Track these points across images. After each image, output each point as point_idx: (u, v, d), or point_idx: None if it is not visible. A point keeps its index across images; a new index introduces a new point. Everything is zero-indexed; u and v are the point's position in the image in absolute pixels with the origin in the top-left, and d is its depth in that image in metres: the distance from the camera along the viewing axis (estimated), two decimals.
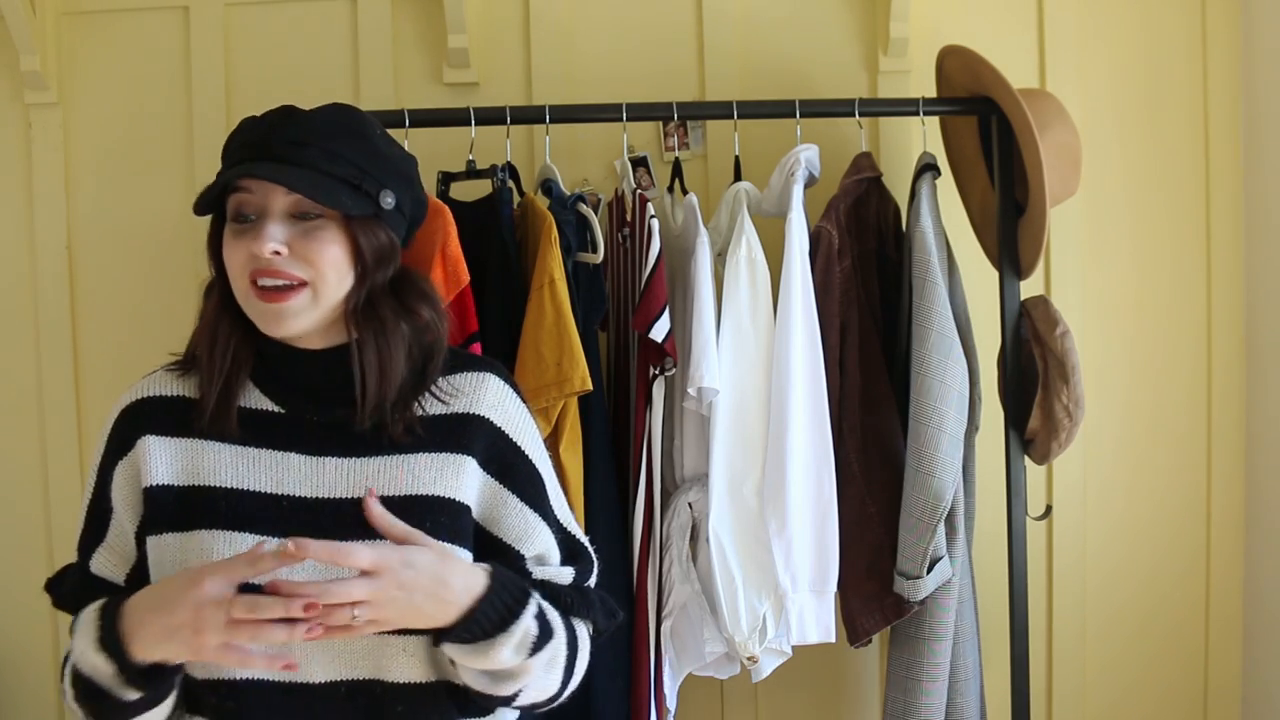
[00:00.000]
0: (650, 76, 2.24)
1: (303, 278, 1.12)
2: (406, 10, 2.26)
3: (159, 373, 1.21)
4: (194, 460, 1.14)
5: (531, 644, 1.11)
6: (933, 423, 1.83)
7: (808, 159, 1.93)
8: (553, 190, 1.96)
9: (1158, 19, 2.26)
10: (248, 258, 1.12)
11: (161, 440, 1.15)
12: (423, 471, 1.16)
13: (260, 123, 1.16)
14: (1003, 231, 1.96)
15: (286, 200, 1.12)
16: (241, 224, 1.13)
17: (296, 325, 1.13)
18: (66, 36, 2.27)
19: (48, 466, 2.26)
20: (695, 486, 1.93)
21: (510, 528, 1.21)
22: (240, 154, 1.14)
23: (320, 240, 1.13)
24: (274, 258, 1.10)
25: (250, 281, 1.12)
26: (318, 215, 1.13)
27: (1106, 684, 2.28)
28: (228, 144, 1.17)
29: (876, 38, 2.24)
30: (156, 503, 1.13)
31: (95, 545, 1.17)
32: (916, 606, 1.87)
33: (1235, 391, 2.26)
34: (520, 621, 1.10)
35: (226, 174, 1.13)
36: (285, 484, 1.14)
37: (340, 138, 1.15)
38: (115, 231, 2.26)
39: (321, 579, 1.03)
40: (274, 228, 1.11)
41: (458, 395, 1.21)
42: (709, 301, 1.85)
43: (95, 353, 2.26)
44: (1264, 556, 2.21)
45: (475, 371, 1.24)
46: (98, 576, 1.16)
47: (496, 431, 1.22)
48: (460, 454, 1.18)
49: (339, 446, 1.16)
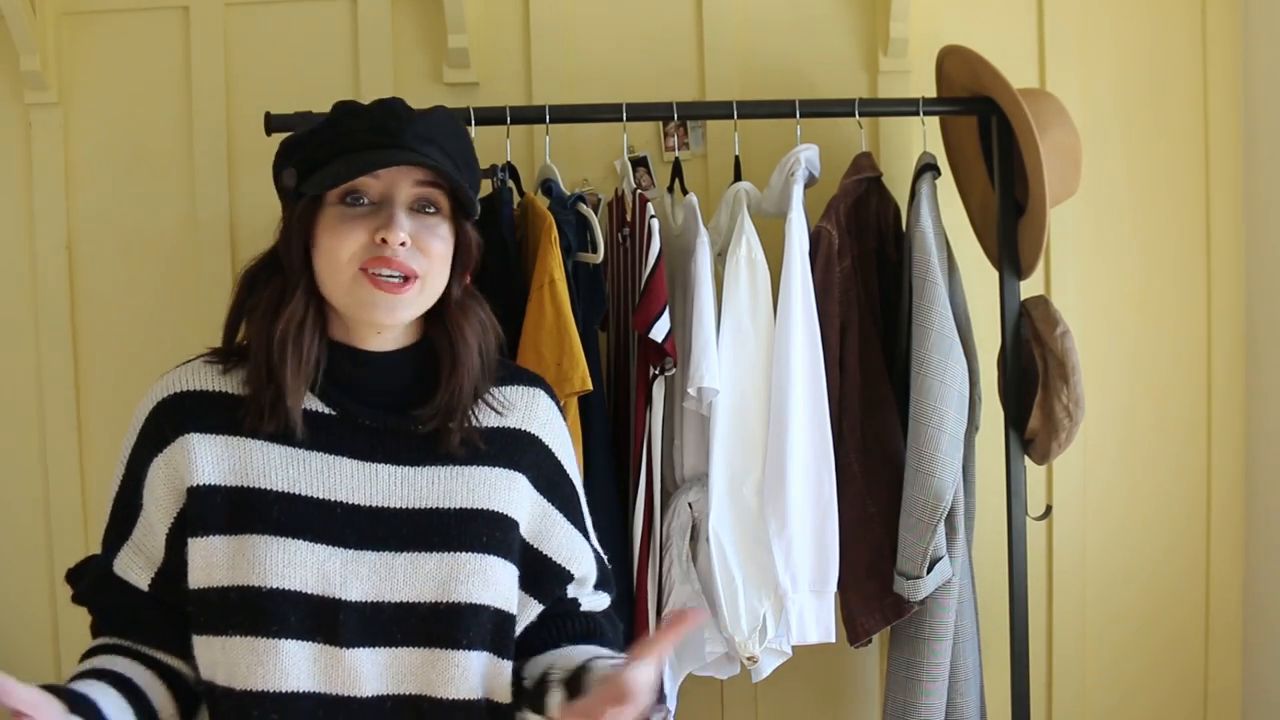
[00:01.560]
0: (650, 76, 2.24)
1: (418, 271, 1.11)
2: (406, 10, 2.26)
3: (197, 364, 1.16)
4: (243, 460, 1.11)
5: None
6: (933, 423, 1.83)
7: (808, 159, 1.93)
8: (553, 190, 1.96)
9: (1158, 19, 2.26)
10: (365, 244, 1.09)
11: (206, 438, 1.11)
12: (479, 485, 1.15)
13: (383, 112, 1.14)
14: (1003, 231, 1.96)
15: (411, 192, 1.12)
16: (354, 207, 1.11)
17: (403, 317, 1.13)
18: (66, 36, 2.27)
19: (48, 467, 2.26)
20: (695, 486, 1.93)
21: (560, 548, 1.23)
22: (367, 137, 1.11)
23: (436, 235, 1.13)
24: (399, 248, 1.09)
25: (360, 268, 1.09)
26: (434, 211, 1.13)
27: (1106, 684, 2.28)
28: (335, 125, 1.14)
29: (876, 38, 2.24)
30: (203, 503, 1.10)
31: (121, 542, 1.14)
32: (916, 606, 1.87)
33: (1235, 391, 2.26)
34: None
35: (373, 157, 1.09)
36: (338, 490, 1.11)
37: (454, 139, 1.16)
38: (115, 231, 2.26)
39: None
40: (403, 217, 1.10)
41: (511, 409, 1.21)
42: (709, 301, 1.85)
43: (95, 352, 2.26)
44: (1264, 557, 2.21)
45: (528, 386, 1.24)
46: (119, 578, 1.13)
47: (546, 451, 1.23)
48: (513, 470, 1.19)
49: (392, 453, 1.14)
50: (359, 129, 1.12)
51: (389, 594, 1.10)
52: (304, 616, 1.07)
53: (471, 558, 1.12)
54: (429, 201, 1.13)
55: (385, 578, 1.09)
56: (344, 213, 1.11)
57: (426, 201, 1.13)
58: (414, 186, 1.12)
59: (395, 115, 1.13)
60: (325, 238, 1.11)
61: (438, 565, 1.11)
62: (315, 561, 1.08)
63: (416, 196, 1.13)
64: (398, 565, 1.10)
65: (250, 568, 1.07)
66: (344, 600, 1.08)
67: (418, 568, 1.11)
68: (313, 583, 1.08)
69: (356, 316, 1.13)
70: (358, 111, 1.15)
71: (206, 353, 1.18)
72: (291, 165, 1.15)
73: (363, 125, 1.13)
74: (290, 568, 1.07)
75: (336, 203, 1.11)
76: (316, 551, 1.08)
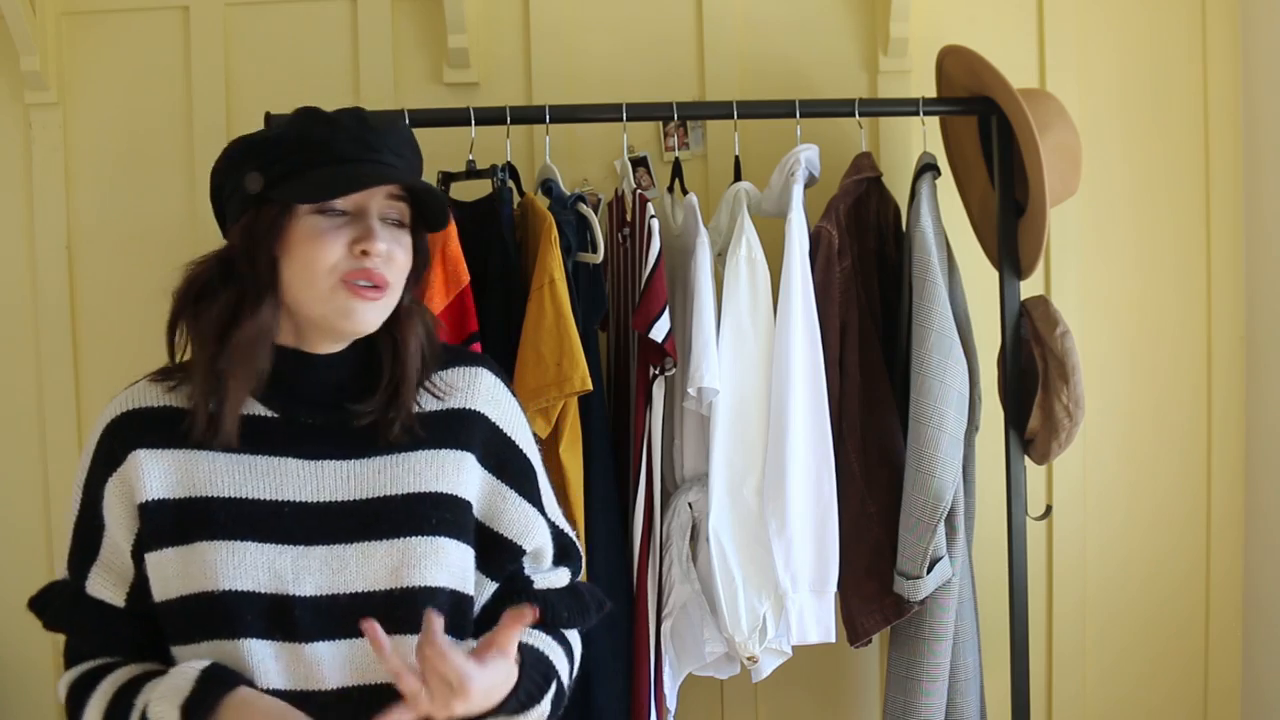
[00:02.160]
0: (650, 76, 2.24)
1: (390, 281, 1.13)
2: (406, 10, 2.26)
3: (143, 384, 1.18)
4: (189, 472, 1.12)
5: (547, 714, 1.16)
6: (933, 423, 1.83)
7: (808, 159, 1.93)
8: (553, 190, 1.96)
9: (1158, 19, 2.26)
10: (344, 256, 1.10)
11: (154, 454, 1.12)
12: (424, 468, 1.16)
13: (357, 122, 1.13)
14: (1003, 231, 1.96)
15: (383, 203, 1.14)
16: (330, 218, 1.11)
17: (375, 322, 1.14)
18: (66, 36, 2.27)
19: (48, 468, 2.26)
20: (695, 486, 1.93)
21: (511, 523, 1.22)
22: (345, 149, 1.11)
23: (402, 246, 1.15)
24: (377, 260, 1.11)
25: (339, 279, 1.11)
26: (401, 223, 1.16)
27: (1106, 684, 2.28)
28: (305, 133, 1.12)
29: (876, 38, 2.24)
30: (153, 519, 1.11)
31: (88, 564, 1.15)
32: (916, 606, 1.87)
33: (1235, 391, 2.26)
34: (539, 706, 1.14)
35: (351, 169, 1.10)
36: (284, 489, 1.12)
37: (416, 154, 1.19)
38: (115, 231, 2.26)
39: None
40: (380, 228, 1.12)
41: (452, 391, 1.21)
42: (709, 301, 1.85)
43: (95, 353, 2.26)
44: (1264, 557, 2.21)
45: (468, 366, 1.24)
46: (95, 599, 1.14)
47: (492, 427, 1.22)
48: (460, 450, 1.19)
49: (336, 449, 1.15)
50: (338, 140, 1.12)
51: (343, 586, 1.10)
52: (260, 615, 1.08)
53: (422, 541, 1.13)
54: (396, 212, 1.16)
55: (338, 570, 1.10)
56: (321, 223, 1.11)
57: (394, 213, 1.15)
58: (387, 199, 1.14)
59: (370, 128, 1.14)
60: (302, 248, 1.11)
61: (388, 552, 1.12)
62: (265, 561, 1.09)
63: (387, 208, 1.14)
64: (349, 556, 1.11)
65: (202, 574, 1.08)
66: (297, 595, 1.09)
67: (369, 556, 1.11)
68: (265, 581, 1.09)
69: (332, 325, 1.13)
70: (330, 120, 1.14)
71: (152, 373, 1.19)
72: (257, 170, 1.13)
73: (341, 136, 1.12)
74: (240, 569, 1.08)
75: (312, 213, 1.11)
76: (266, 551, 1.09)
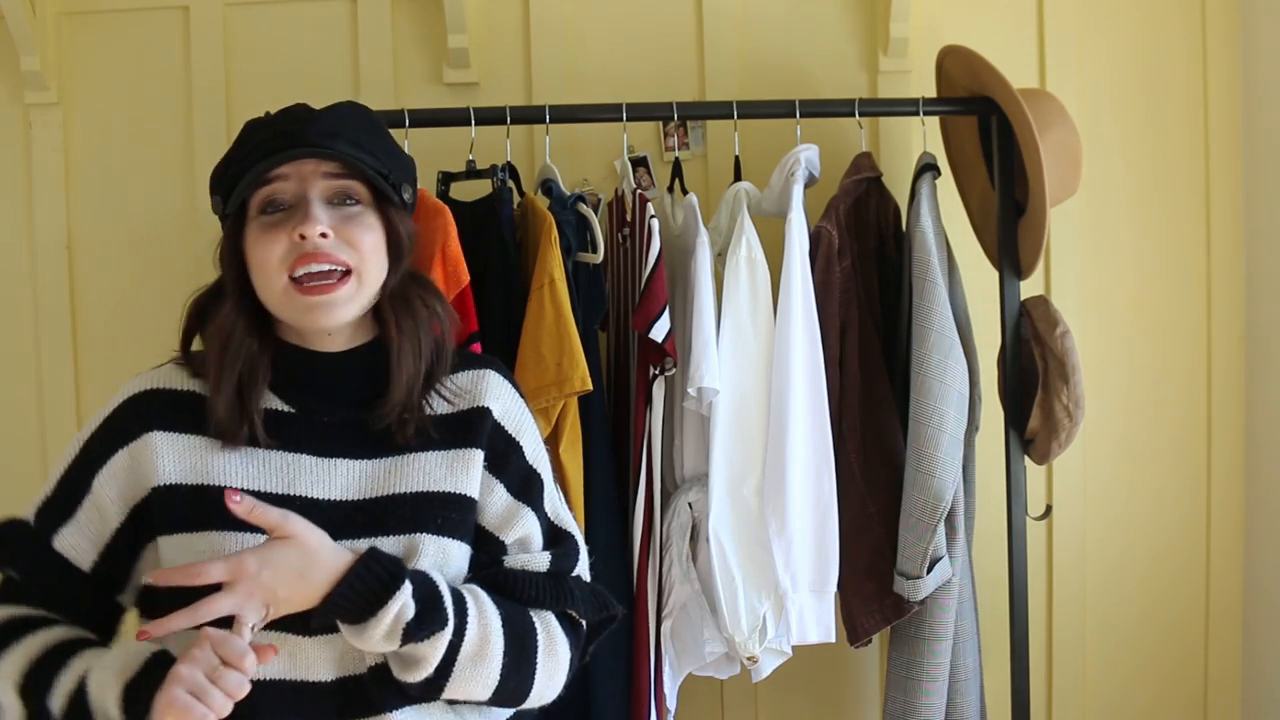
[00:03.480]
0: (650, 76, 2.24)
1: (348, 263, 1.12)
2: (406, 10, 2.26)
3: (169, 366, 1.19)
4: (203, 458, 1.13)
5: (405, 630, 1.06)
6: (933, 422, 1.83)
7: (808, 159, 1.93)
8: (553, 190, 1.96)
9: (1158, 19, 2.26)
10: (289, 246, 1.10)
11: (170, 436, 1.13)
12: (434, 468, 1.16)
13: (285, 118, 1.15)
14: (1003, 231, 1.96)
15: (325, 186, 1.13)
16: (272, 215, 1.12)
17: (342, 316, 1.13)
18: (66, 36, 2.27)
19: (48, 467, 2.23)
20: (695, 486, 1.93)
21: (493, 516, 1.21)
22: (270, 145, 1.12)
23: (362, 224, 1.14)
24: (321, 240, 1.09)
25: (289, 277, 1.10)
26: (355, 202, 1.14)
27: (1106, 684, 2.28)
28: (244, 143, 1.16)
29: (876, 38, 2.24)
30: (167, 503, 1.12)
31: (62, 521, 1.15)
32: (916, 606, 1.87)
33: (1235, 391, 2.26)
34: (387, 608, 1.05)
35: (272, 160, 1.11)
36: (296, 485, 1.13)
37: (364, 131, 1.16)
38: (115, 231, 2.26)
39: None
40: (318, 210, 1.11)
41: (463, 395, 1.22)
42: (709, 301, 1.85)
43: (95, 352, 2.26)
44: (1264, 556, 2.21)
45: (476, 369, 1.25)
46: (59, 555, 1.14)
47: (494, 424, 1.22)
48: (471, 448, 1.19)
49: (349, 447, 1.15)
50: (263, 140, 1.14)
51: None
52: None
53: (428, 539, 1.13)
54: (347, 194, 1.14)
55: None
56: (264, 222, 1.12)
57: (345, 194, 1.14)
58: (324, 180, 1.13)
59: (295, 119, 1.14)
60: (253, 251, 1.12)
61: (393, 547, 1.12)
62: None
63: (332, 191, 1.13)
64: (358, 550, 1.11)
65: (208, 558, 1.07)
66: None
67: None
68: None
69: (300, 325, 1.14)
70: (264, 123, 1.17)
71: (178, 356, 1.20)
72: (218, 193, 1.17)
73: (266, 135, 1.14)
74: None
75: (257, 215, 1.13)
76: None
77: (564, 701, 1.24)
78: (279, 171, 1.12)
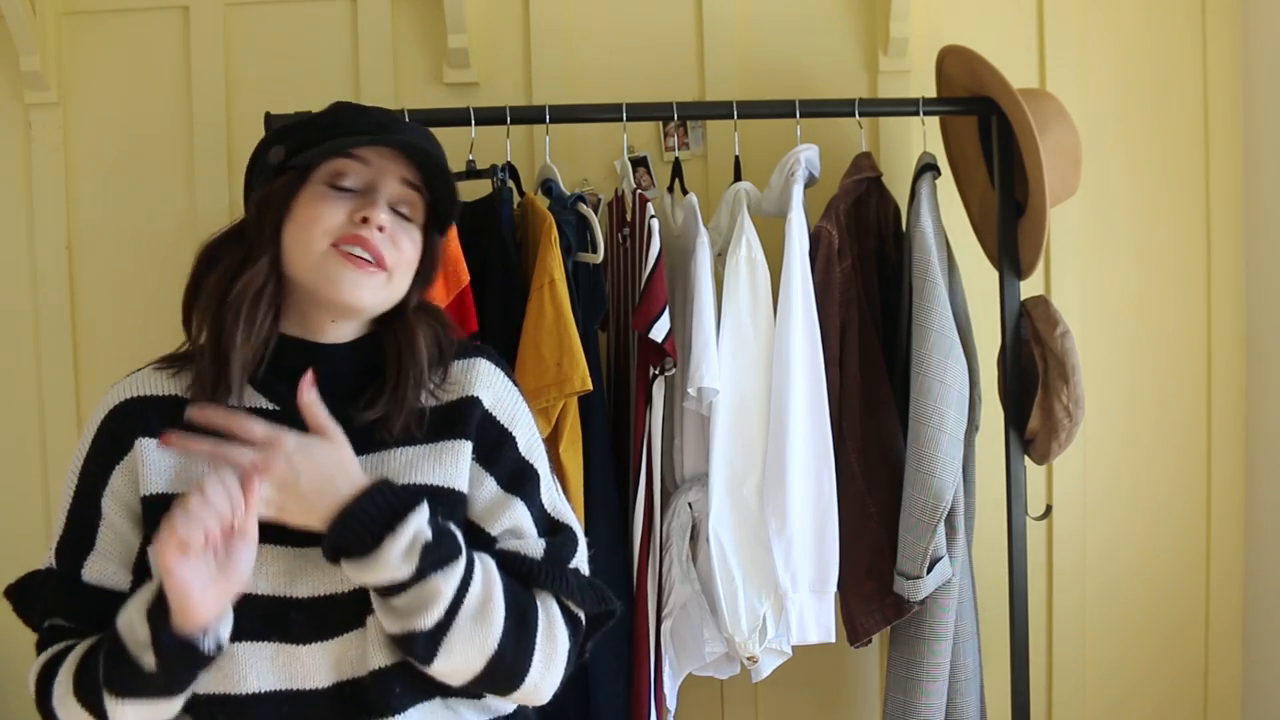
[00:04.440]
0: (650, 76, 2.24)
1: (388, 261, 1.14)
2: (406, 10, 2.26)
3: (146, 371, 1.17)
4: (188, 465, 1.11)
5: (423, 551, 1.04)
6: (933, 423, 1.83)
7: (808, 159, 1.93)
8: (553, 190, 1.96)
9: (1158, 19, 2.26)
10: (343, 223, 1.12)
11: (154, 443, 1.12)
12: (422, 462, 1.15)
13: (378, 111, 1.20)
14: (1003, 231, 1.96)
15: (396, 189, 1.16)
16: (337, 189, 1.14)
17: (365, 299, 1.14)
18: (66, 36, 2.27)
19: (48, 467, 2.26)
20: (695, 486, 1.93)
21: (479, 506, 1.17)
22: (367, 127, 1.16)
23: (409, 236, 1.17)
24: (376, 232, 1.12)
25: (333, 244, 1.12)
26: (409, 216, 1.17)
27: (1106, 683, 2.28)
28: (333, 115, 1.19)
29: (876, 38, 2.24)
30: (153, 514, 1.10)
31: (84, 554, 1.13)
32: (916, 606, 1.87)
33: (1235, 391, 2.26)
34: (407, 523, 1.04)
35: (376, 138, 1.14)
36: None
37: (440, 152, 1.21)
38: (115, 231, 2.26)
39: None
40: (386, 210, 1.14)
41: (451, 386, 1.20)
42: (709, 301, 1.85)
43: (95, 353, 2.26)
44: (1264, 556, 2.21)
45: (465, 359, 1.23)
46: (94, 586, 1.12)
47: (484, 413, 1.20)
48: (458, 439, 1.17)
49: None
50: (356, 120, 1.17)
51: (339, 585, 1.09)
52: (255, 618, 1.07)
53: None
54: (407, 205, 1.17)
55: (334, 571, 1.08)
56: (327, 192, 1.14)
57: (406, 204, 1.17)
58: (399, 184, 1.16)
59: (390, 116, 1.20)
60: (303, 210, 1.13)
61: None
62: (261, 563, 1.07)
63: (399, 196, 1.16)
64: None
65: None
66: (293, 598, 1.09)
67: None
68: (261, 584, 1.08)
69: (321, 293, 1.13)
70: (357, 107, 1.21)
71: (155, 360, 1.19)
72: (283, 144, 1.18)
73: (365, 118, 1.18)
74: None
75: (322, 183, 1.14)
76: (262, 552, 1.06)
77: (564, 701, 1.22)
78: (362, 153, 1.14)
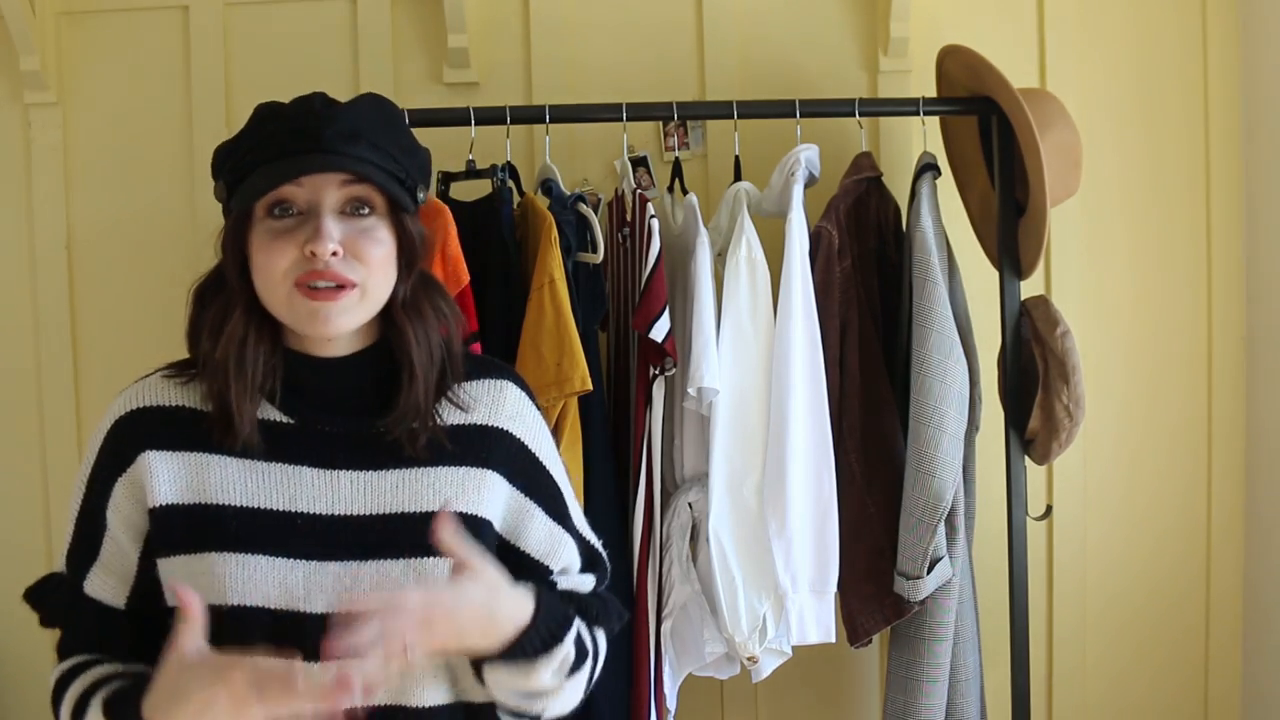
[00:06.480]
0: (650, 76, 2.24)
1: (355, 280, 1.06)
2: (406, 10, 2.26)
3: (154, 378, 1.14)
4: (200, 476, 1.08)
5: (570, 667, 1.10)
6: (933, 423, 1.83)
7: (808, 159, 1.93)
8: (553, 190, 1.96)
9: (1157, 19, 2.26)
10: (297, 259, 1.05)
11: (164, 455, 1.08)
12: (445, 487, 1.12)
13: (302, 111, 1.08)
14: (1003, 231, 1.96)
15: (339, 195, 1.07)
16: (281, 219, 1.06)
17: (344, 324, 1.08)
18: (66, 36, 2.27)
19: (47, 467, 2.26)
20: (695, 486, 1.93)
21: (537, 543, 1.19)
22: (285, 143, 1.06)
23: (373, 239, 1.08)
24: (331, 259, 1.04)
25: (295, 283, 1.05)
26: (369, 211, 1.08)
27: (1106, 683, 2.28)
28: (256, 132, 1.09)
29: (876, 38, 2.24)
30: (163, 524, 1.08)
31: (88, 564, 1.12)
32: (917, 607, 1.87)
33: (1235, 391, 2.26)
34: (561, 646, 1.08)
35: (284, 166, 1.04)
36: (298, 500, 1.08)
37: (385, 129, 1.10)
38: (115, 231, 2.26)
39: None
40: (331, 225, 1.05)
41: (476, 405, 1.17)
42: (709, 301, 1.85)
43: (95, 353, 2.26)
44: (1264, 556, 2.21)
45: (493, 379, 1.19)
46: (93, 599, 1.12)
47: (518, 445, 1.18)
48: (482, 468, 1.14)
49: (353, 459, 1.10)
50: (279, 133, 1.07)
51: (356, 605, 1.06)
52: (268, 633, 1.04)
53: (440, 563, 1.08)
54: (362, 201, 1.08)
55: (351, 588, 1.06)
56: (272, 227, 1.06)
57: (359, 202, 1.08)
58: (340, 189, 1.07)
59: (313, 115, 1.07)
60: (257, 255, 1.07)
61: (404, 571, 1.08)
62: (276, 576, 1.05)
63: (346, 199, 1.08)
64: (364, 574, 1.07)
65: (210, 586, 1.04)
66: (308, 613, 1.05)
67: (385, 575, 1.07)
68: (275, 598, 1.05)
69: (299, 330, 1.09)
70: (277, 113, 1.10)
71: (165, 367, 1.15)
72: (222, 178, 1.11)
73: (282, 129, 1.07)
74: (250, 584, 1.05)
75: (265, 216, 1.07)
76: (277, 566, 1.05)
77: None
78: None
